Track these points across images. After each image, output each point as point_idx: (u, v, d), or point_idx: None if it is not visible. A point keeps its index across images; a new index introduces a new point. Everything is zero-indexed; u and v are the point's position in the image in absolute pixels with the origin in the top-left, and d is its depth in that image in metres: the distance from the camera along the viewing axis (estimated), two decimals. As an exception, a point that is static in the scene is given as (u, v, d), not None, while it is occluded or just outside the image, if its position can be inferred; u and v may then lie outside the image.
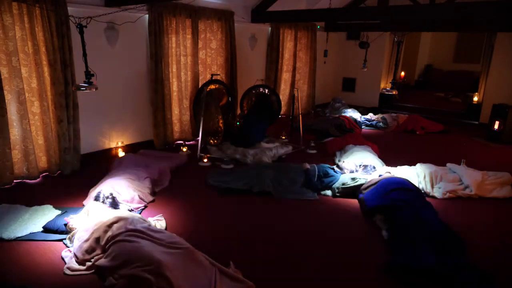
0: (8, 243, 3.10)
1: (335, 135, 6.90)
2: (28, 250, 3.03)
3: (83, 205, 3.71)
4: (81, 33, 3.88)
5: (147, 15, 5.25)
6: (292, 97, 7.49)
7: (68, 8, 4.33)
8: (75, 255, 2.86)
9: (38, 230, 3.28)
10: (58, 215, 3.50)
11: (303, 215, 3.85)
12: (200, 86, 6.15)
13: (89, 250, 2.84)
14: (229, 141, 5.99)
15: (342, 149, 5.73)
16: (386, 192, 3.82)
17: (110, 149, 5.35)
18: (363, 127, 8.00)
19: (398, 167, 4.94)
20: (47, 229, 3.27)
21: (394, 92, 9.67)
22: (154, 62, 5.41)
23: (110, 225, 2.92)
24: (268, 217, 3.78)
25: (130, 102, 5.46)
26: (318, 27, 8.98)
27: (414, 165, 4.92)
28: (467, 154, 6.12)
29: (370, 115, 8.57)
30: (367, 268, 2.93)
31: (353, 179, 4.40)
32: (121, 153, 5.32)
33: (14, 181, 4.32)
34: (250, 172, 4.68)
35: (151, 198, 4.03)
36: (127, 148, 5.49)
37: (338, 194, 4.30)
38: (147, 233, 2.82)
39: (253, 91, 6.82)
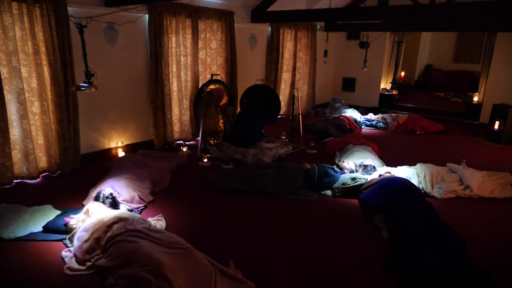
0: (8, 243, 3.10)
1: (335, 135, 6.90)
2: (28, 250, 3.03)
3: (83, 205, 3.71)
4: (81, 33, 3.88)
5: (147, 15, 5.25)
6: (292, 97, 7.49)
7: (68, 8, 4.33)
8: (75, 255, 2.86)
9: (38, 230, 3.27)
10: (58, 215, 3.50)
11: (303, 215, 3.85)
12: (200, 86, 6.15)
13: (89, 250, 2.84)
14: (228, 141, 5.99)
15: (342, 149, 5.73)
16: (386, 192, 3.82)
17: (110, 149, 5.35)
18: (363, 127, 8.00)
19: (398, 167, 4.94)
20: (47, 229, 3.27)
21: (394, 92, 9.68)
22: (154, 62, 5.40)
23: (110, 225, 2.92)
24: (268, 217, 3.78)
25: (130, 102, 5.46)
26: (318, 27, 8.98)
27: (414, 165, 4.92)
28: (467, 154, 6.12)
29: (370, 115, 8.57)
30: (367, 268, 2.93)
31: (353, 179, 4.39)
32: (121, 153, 5.32)
33: (14, 181, 4.31)
34: (250, 172, 4.67)
35: (151, 198, 4.03)
36: (127, 148, 5.49)
37: (338, 194, 4.30)
38: (147, 233, 2.82)
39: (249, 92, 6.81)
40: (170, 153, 5.48)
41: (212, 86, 6.13)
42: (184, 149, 5.74)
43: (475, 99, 8.69)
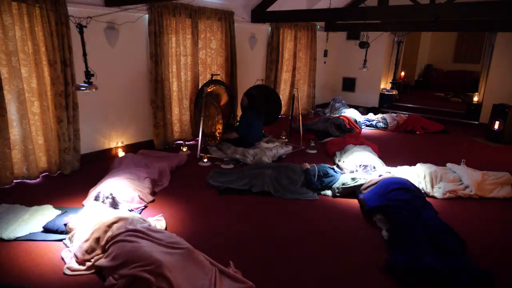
0: (8, 243, 3.10)
1: (335, 135, 6.90)
2: (28, 250, 3.03)
3: (83, 205, 3.71)
4: (81, 33, 3.87)
5: (147, 15, 5.25)
6: (292, 97, 7.49)
7: (68, 8, 4.33)
8: (75, 255, 2.86)
9: (38, 230, 3.28)
10: (58, 215, 3.50)
11: (303, 215, 3.85)
12: (200, 86, 6.15)
13: (89, 250, 2.84)
14: (228, 141, 5.98)
15: (342, 149, 5.73)
16: (386, 192, 3.82)
17: (110, 149, 5.35)
18: (363, 127, 8.01)
19: (398, 167, 4.94)
20: (47, 229, 3.27)
21: (394, 92, 9.67)
22: (154, 62, 5.40)
23: (110, 225, 2.92)
24: (268, 217, 3.78)
25: (130, 102, 5.46)
26: (318, 27, 8.98)
27: (414, 165, 4.92)
28: (467, 154, 6.12)
29: (370, 115, 8.57)
30: (367, 268, 2.93)
31: (353, 179, 4.40)
32: (121, 153, 5.32)
33: (14, 181, 4.32)
34: (250, 172, 4.68)
35: (151, 198, 4.03)
36: (127, 148, 5.49)
37: (338, 194, 4.30)
38: (147, 233, 2.82)
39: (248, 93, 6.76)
40: (170, 153, 5.48)
41: (212, 86, 6.12)
42: (184, 149, 5.74)
43: (475, 99, 8.69)
